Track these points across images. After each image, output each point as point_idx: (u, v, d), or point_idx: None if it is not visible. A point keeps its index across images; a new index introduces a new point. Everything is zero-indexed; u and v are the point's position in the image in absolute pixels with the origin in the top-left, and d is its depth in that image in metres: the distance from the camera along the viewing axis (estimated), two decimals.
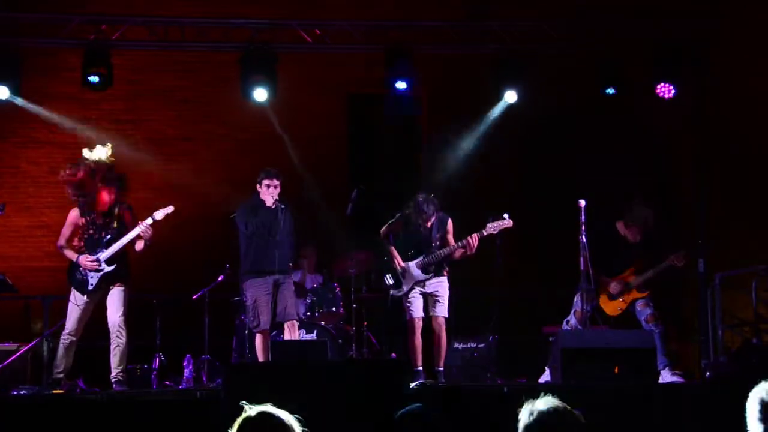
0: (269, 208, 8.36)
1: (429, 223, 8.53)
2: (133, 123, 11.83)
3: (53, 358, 8.12)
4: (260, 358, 8.33)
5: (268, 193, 8.40)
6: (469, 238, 8.36)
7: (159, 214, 8.09)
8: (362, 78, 11.64)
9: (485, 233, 8.42)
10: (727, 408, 6.41)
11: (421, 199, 8.50)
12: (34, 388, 8.29)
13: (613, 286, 8.65)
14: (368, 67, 11.05)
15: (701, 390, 7.31)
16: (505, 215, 8.44)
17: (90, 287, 7.95)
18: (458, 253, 8.51)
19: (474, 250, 8.40)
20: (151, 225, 7.96)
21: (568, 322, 8.72)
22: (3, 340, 9.37)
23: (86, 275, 7.96)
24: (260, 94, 10.12)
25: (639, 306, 8.61)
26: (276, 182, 8.44)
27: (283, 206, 8.38)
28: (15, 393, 8.02)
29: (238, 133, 11.84)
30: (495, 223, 8.42)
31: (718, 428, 6.34)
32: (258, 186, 8.49)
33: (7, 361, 9.24)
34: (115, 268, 7.98)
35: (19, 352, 9.35)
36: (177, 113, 11.88)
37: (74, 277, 8.00)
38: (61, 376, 7.98)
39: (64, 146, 11.64)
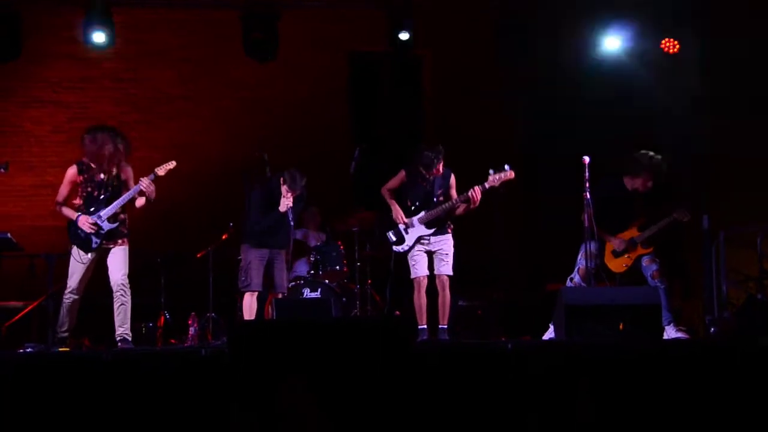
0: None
1: (432, 175, 8.47)
2: (134, 82, 11.79)
3: (58, 317, 8.13)
4: (246, 318, 8.39)
5: (285, 199, 8.43)
6: (471, 191, 8.31)
7: (161, 170, 8.05)
8: (364, 36, 11.57)
9: (487, 186, 8.34)
10: (731, 363, 6.47)
11: (427, 151, 8.45)
12: (41, 346, 8.33)
13: (618, 243, 8.63)
14: (370, 24, 10.97)
15: (705, 346, 7.31)
16: (506, 166, 8.35)
17: (94, 245, 7.93)
18: (462, 208, 8.47)
19: (477, 203, 8.36)
20: (153, 181, 7.93)
21: (571, 279, 8.71)
22: (9, 298, 9.40)
23: (89, 234, 7.94)
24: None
25: (645, 262, 8.59)
26: (297, 194, 8.48)
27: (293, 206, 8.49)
28: (21, 351, 8.06)
29: (240, 91, 11.80)
30: (497, 175, 8.35)
31: (723, 384, 6.38)
32: (281, 180, 8.47)
33: (14, 319, 9.30)
34: (117, 225, 7.97)
35: (25, 310, 9.40)
36: (178, 72, 11.83)
37: (76, 235, 7.96)
38: (66, 334, 7.99)
39: (67, 106, 11.63)
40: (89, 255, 7.94)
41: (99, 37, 9.80)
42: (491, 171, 8.35)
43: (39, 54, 11.19)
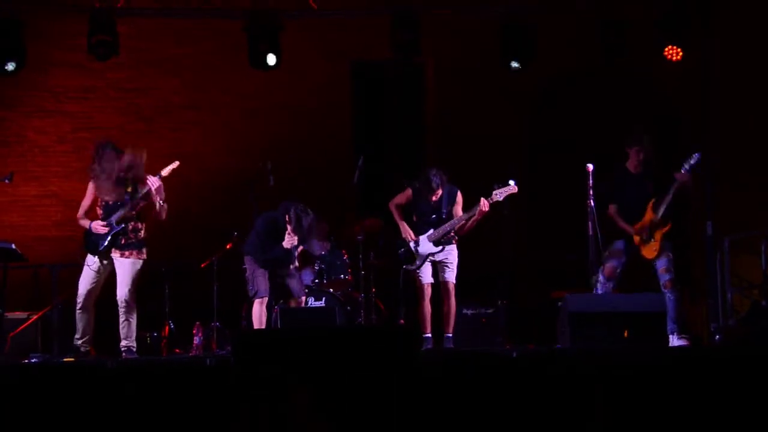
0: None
1: (436, 197, 8.49)
2: (138, 91, 11.78)
3: (62, 327, 8.17)
4: (256, 326, 8.38)
5: (290, 237, 8.40)
6: (480, 204, 8.35)
7: (165, 171, 8.15)
8: (367, 45, 11.58)
9: (492, 200, 8.39)
10: (736, 371, 6.45)
11: (431, 173, 8.47)
12: (45, 356, 8.33)
13: (640, 230, 8.60)
14: (373, 34, 10.98)
15: (710, 353, 7.30)
16: (511, 181, 8.42)
17: (101, 247, 8.01)
18: (470, 222, 8.49)
19: (486, 212, 8.38)
20: (160, 180, 8.04)
21: (596, 279, 8.62)
22: (13, 308, 9.41)
23: (98, 238, 8.03)
24: (271, 60, 10.03)
25: (660, 270, 8.55)
26: (302, 239, 8.50)
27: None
28: (26, 361, 8.07)
29: (244, 101, 11.80)
30: (501, 190, 8.40)
31: (728, 391, 6.36)
32: (287, 215, 8.42)
33: (18, 329, 9.30)
34: (122, 228, 8.01)
35: (30, 321, 9.40)
36: (182, 81, 11.83)
37: (88, 241, 8.07)
38: (79, 342, 8.05)
39: (71, 115, 11.64)
40: (96, 258, 7.99)
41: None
42: (495, 185, 8.39)
43: (42, 62, 11.20)
